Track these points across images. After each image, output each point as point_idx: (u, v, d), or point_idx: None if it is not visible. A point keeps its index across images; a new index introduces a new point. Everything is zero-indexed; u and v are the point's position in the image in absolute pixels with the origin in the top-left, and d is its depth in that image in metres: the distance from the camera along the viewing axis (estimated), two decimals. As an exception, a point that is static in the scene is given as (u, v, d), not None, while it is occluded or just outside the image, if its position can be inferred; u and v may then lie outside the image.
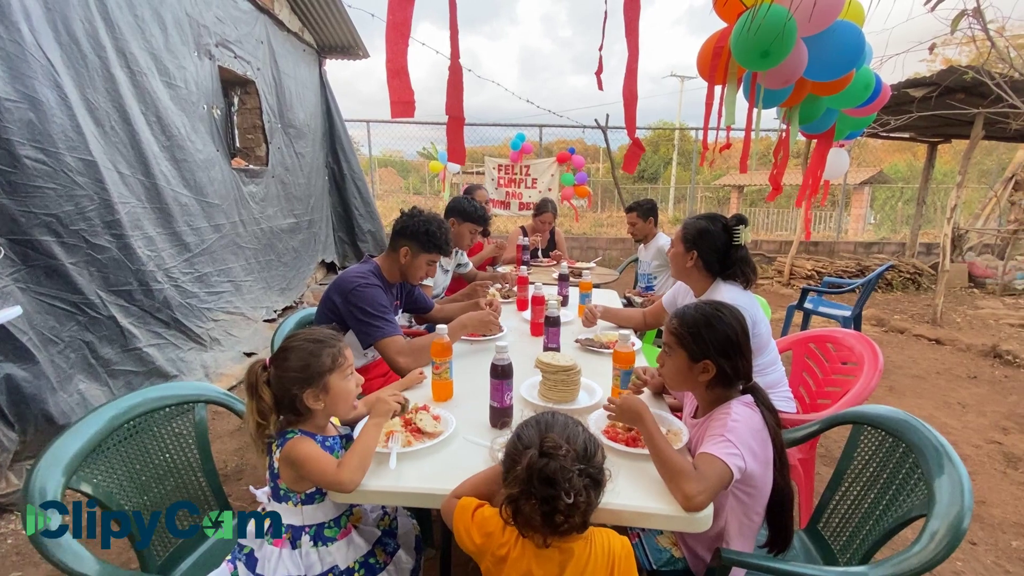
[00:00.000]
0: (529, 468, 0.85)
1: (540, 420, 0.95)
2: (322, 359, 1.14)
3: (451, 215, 2.73)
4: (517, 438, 0.93)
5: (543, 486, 0.85)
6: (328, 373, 1.14)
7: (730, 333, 1.19)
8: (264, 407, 1.13)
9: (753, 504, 1.16)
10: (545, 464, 0.85)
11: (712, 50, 2.13)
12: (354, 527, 1.25)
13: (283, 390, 1.13)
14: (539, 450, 0.87)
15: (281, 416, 1.16)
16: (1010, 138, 6.80)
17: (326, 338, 1.18)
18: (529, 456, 0.87)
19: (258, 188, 4.46)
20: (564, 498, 0.84)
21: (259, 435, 1.14)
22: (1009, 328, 5.16)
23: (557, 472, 0.85)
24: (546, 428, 0.92)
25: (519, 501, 0.87)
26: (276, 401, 1.14)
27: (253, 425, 1.13)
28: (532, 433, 0.92)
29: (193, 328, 3.23)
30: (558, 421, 0.95)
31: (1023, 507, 2.28)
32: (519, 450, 0.90)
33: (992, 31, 3.34)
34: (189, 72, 3.49)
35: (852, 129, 3.10)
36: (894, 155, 17.50)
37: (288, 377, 1.13)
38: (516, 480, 0.87)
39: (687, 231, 1.89)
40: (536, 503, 0.85)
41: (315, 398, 1.14)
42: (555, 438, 0.89)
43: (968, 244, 7.81)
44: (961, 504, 1.00)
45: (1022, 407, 3.31)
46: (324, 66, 6.25)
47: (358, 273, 1.90)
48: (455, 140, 1.12)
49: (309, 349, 1.14)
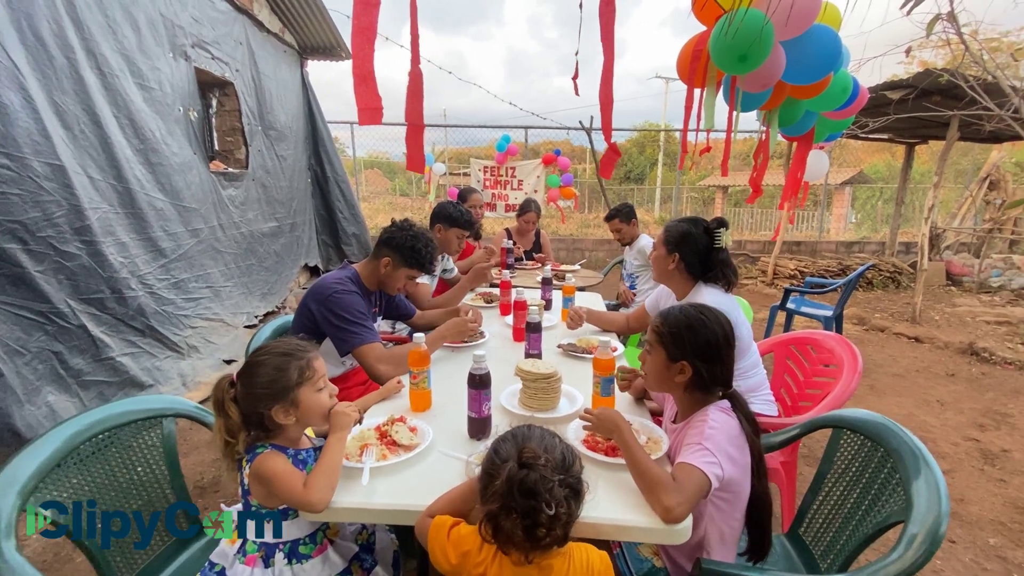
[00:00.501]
0: (509, 481, 0.83)
1: (516, 433, 0.93)
2: (289, 373, 1.10)
3: (437, 221, 2.69)
4: (494, 453, 0.91)
5: (524, 499, 0.82)
6: (297, 387, 1.11)
7: (710, 338, 1.18)
8: (232, 425, 1.09)
9: (732, 511, 1.15)
10: (525, 475, 0.83)
11: (691, 54, 2.13)
12: (330, 542, 1.22)
13: (250, 407, 1.10)
14: (517, 462, 0.85)
15: (251, 432, 1.13)
16: (984, 139, 6.95)
17: (294, 350, 1.14)
18: (508, 469, 0.85)
19: (238, 191, 4.38)
20: (546, 510, 0.82)
21: (228, 453, 1.11)
22: (985, 325, 5.26)
23: (537, 483, 0.83)
24: (523, 440, 0.90)
25: (499, 517, 0.85)
26: (244, 418, 1.10)
27: (221, 443, 1.10)
28: (509, 447, 0.90)
29: (169, 336, 3.15)
30: (534, 433, 0.93)
31: (1000, 504, 2.32)
32: (497, 464, 0.88)
33: (966, 35, 3.40)
34: (164, 73, 3.41)
35: (831, 131, 3.13)
36: (874, 155, 17.81)
37: (255, 394, 1.09)
38: (495, 495, 0.85)
39: (669, 234, 1.89)
40: (517, 517, 0.83)
41: (285, 413, 1.10)
42: (533, 448, 0.87)
43: (945, 243, 7.96)
44: (938, 510, 1.00)
45: (998, 404, 3.37)
46: (306, 67, 6.17)
47: (335, 279, 1.86)
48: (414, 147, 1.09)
49: (276, 363, 1.11)
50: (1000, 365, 4.09)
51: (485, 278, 2.56)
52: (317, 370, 1.15)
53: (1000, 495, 2.38)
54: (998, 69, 3.82)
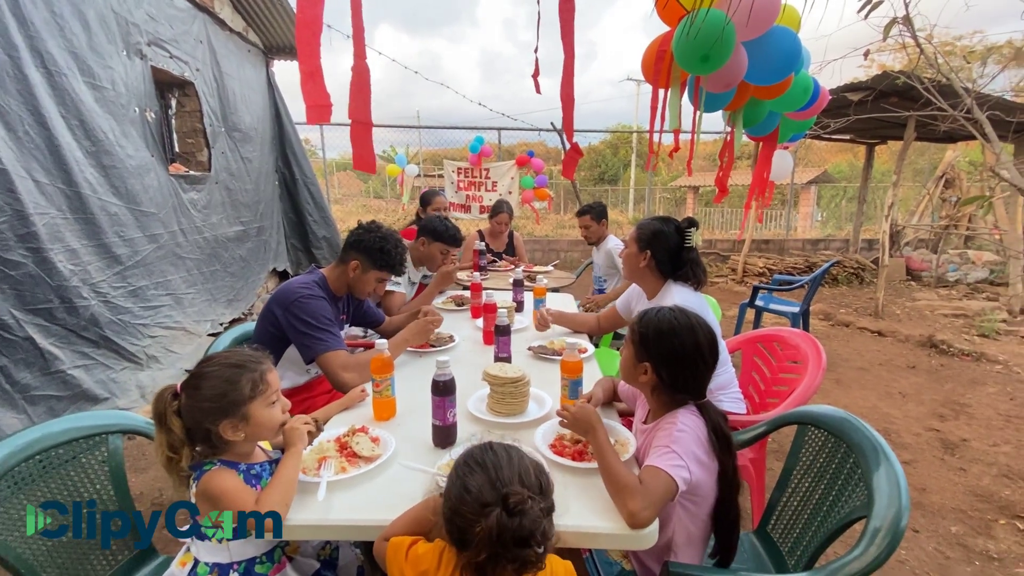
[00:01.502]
0: (500, 531, 0.75)
1: (483, 461, 0.83)
2: (240, 387, 1.04)
3: (423, 234, 2.65)
4: (464, 490, 0.80)
5: (518, 548, 0.76)
6: (248, 402, 1.04)
7: (676, 346, 1.16)
8: (175, 439, 1.02)
9: (700, 513, 1.14)
10: (518, 525, 0.76)
11: (655, 54, 2.14)
12: (289, 560, 1.17)
13: (196, 422, 1.03)
14: (505, 509, 0.76)
15: (196, 448, 1.06)
16: (939, 139, 7.24)
17: (245, 361, 1.08)
18: (494, 517, 0.76)
19: (200, 195, 4.24)
20: (537, 551, 0.77)
21: (171, 469, 1.04)
22: (943, 318, 5.46)
23: (531, 528, 0.76)
24: (495, 472, 0.81)
25: (487, 567, 0.78)
26: (188, 433, 1.04)
27: (163, 459, 1.03)
28: (481, 481, 0.80)
29: (126, 346, 3.02)
30: (502, 459, 0.83)
31: (960, 492, 2.39)
32: (473, 507, 0.78)
33: (921, 38, 3.52)
34: (117, 72, 3.27)
35: (795, 131, 3.19)
36: (837, 155, 18.40)
37: (201, 408, 1.02)
38: (481, 544, 0.76)
39: (642, 232, 1.89)
40: (508, 564, 0.77)
41: (234, 429, 1.04)
42: (518, 491, 0.78)
43: (905, 239, 8.26)
44: (899, 505, 1.01)
45: (956, 394, 3.49)
46: (272, 67, 6.02)
47: (301, 284, 1.80)
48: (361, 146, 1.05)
49: (225, 376, 1.04)
50: (958, 357, 4.25)
51: (451, 280, 2.52)
52: (270, 383, 1.09)
53: (960, 484, 2.46)
54: (952, 72, 3.97)
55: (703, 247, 8.52)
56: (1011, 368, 3.97)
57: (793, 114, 2.82)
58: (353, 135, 1.04)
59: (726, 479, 1.12)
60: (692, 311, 1.23)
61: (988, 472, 2.55)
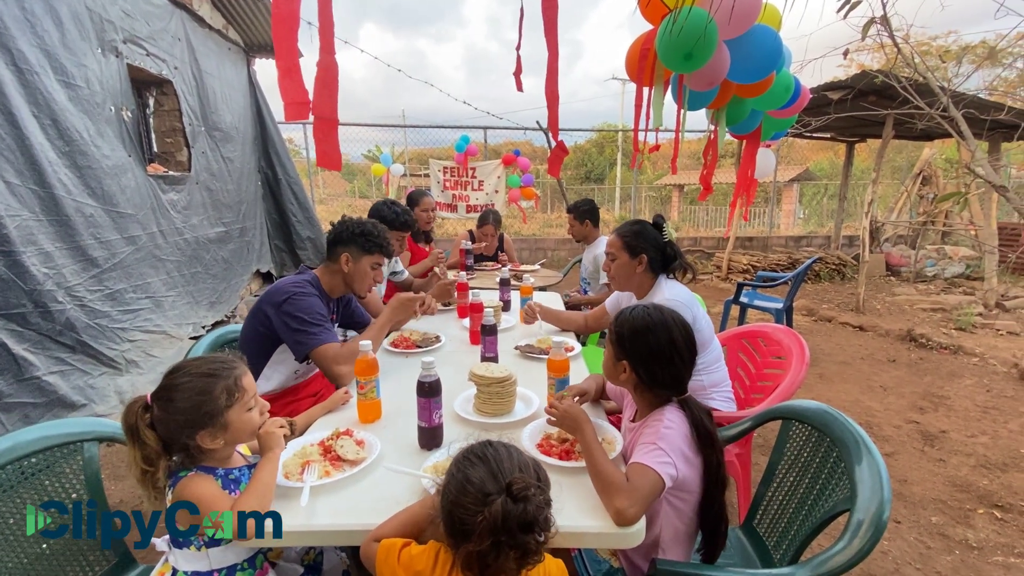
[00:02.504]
0: (505, 518, 0.76)
1: (483, 455, 0.84)
2: (215, 396, 1.01)
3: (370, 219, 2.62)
4: (466, 482, 0.81)
5: (523, 534, 0.77)
6: (225, 410, 1.02)
7: (652, 343, 1.17)
8: (150, 452, 0.99)
9: (686, 509, 1.14)
10: (523, 511, 0.77)
11: (639, 52, 2.15)
12: (272, 565, 1.14)
13: (172, 435, 1.00)
14: (509, 496, 0.77)
15: (173, 459, 1.03)
16: (917, 137, 7.39)
17: (218, 369, 1.04)
18: (499, 504, 0.77)
19: (180, 196, 4.15)
20: (537, 537, 0.78)
21: (147, 483, 1.00)
22: (922, 313, 5.58)
23: (535, 514, 0.78)
24: (496, 464, 0.82)
25: (489, 556, 0.77)
26: (164, 445, 1.01)
27: (138, 472, 0.99)
28: (482, 473, 0.81)
29: (104, 351, 2.94)
30: (501, 453, 0.85)
31: (940, 483, 2.44)
32: (476, 497, 0.78)
33: (899, 38, 3.59)
34: (92, 70, 3.19)
35: (777, 130, 3.23)
36: (819, 154, 18.69)
37: (175, 421, 0.99)
38: (484, 533, 0.76)
39: (627, 239, 1.90)
40: (512, 551, 0.77)
41: (212, 438, 1.02)
42: (522, 478, 0.79)
43: (884, 236, 8.42)
44: (881, 497, 1.02)
45: (935, 387, 3.57)
46: (253, 66, 5.93)
47: (293, 282, 1.77)
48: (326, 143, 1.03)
49: (198, 386, 1.01)
50: (936, 350, 4.34)
51: (449, 294, 2.49)
52: (246, 388, 1.07)
53: (940, 475, 2.51)
54: (928, 71, 4.05)
55: (689, 245, 8.60)
56: (987, 360, 4.06)
57: (775, 112, 2.85)
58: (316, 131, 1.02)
59: (711, 475, 1.12)
60: (668, 308, 1.24)
61: (966, 463, 2.61)
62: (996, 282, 5.80)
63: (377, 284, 1.96)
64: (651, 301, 1.83)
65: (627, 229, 1.92)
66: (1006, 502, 2.28)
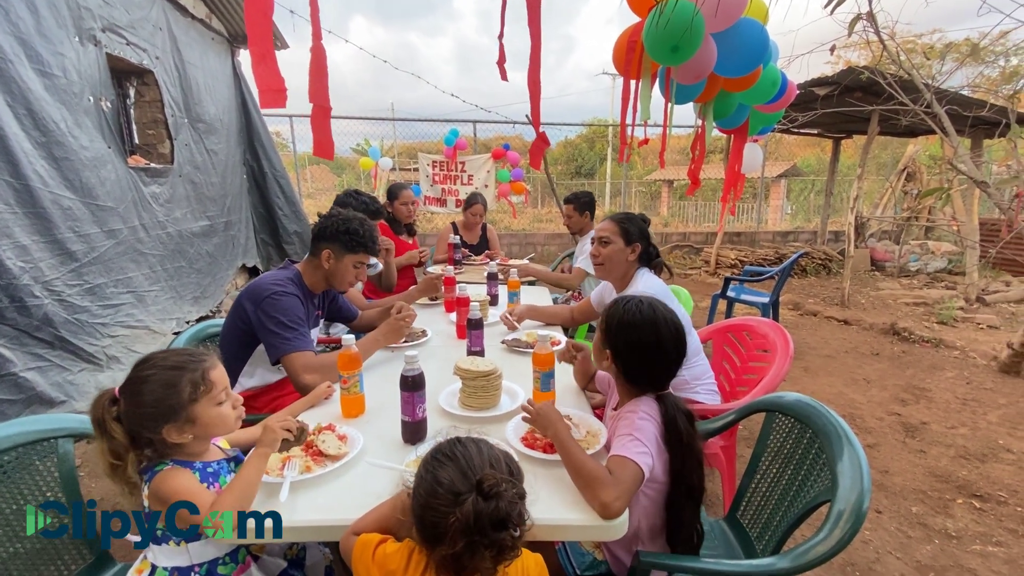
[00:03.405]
0: (477, 517, 0.74)
1: (452, 454, 0.82)
2: (180, 390, 0.99)
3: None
4: (436, 483, 0.79)
5: (497, 531, 0.75)
6: (190, 404, 0.99)
7: (635, 340, 1.17)
8: (118, 446, 0.97)
9: (661, 501, 1.15)
10: (494, 508, 0.75)
11: (626, 44, 2.14)
12: (254, 559, 1.13)
13: (137, 428, 0.98)
14: (480, 494, 0.76)
15: (142, 452, 1.01)
16: (901, 133, 7.47)
17: (185, 362, 1.02)
18: (470, 503, 0.75)
19: (162, 189, 4.08)
20: (513, 533, 0.76)
21: (116, 477, 0.99)
22: (905, 307, 5.67)
23: (508, 510, 0.76)
24: (466, 462, 0.80)
25: (464, 557, 0.75)
26: (131, 439, 0.99)
27: (107, 466, 0.98)
28: (452, 473, 0.79)
29: (84, 347, 2.89)
30: (471, 450, 0.83)
31: (921, 474, 2.48)
32: (446, 498, 0.77)
33: (884, 35, 3.61)
34: (69, 59, 3.11)
35: (764, 124, 3.25)
36: (806, 150, 18.87)
37: (141, 414, 0.97)
38: (457, 534, 0.74)
39: (623, 225, 1.90)
40: (487, 550, 0.75)
41: (179, 432, 1.00)
42: (492, 474, 0.78)
43: (869, 231, 8.52)
44: (860, 487, 1.03)
45: (917, 379, 3.62)
46: (237, 56, 5.82)
47: (275, 280, 1.73)
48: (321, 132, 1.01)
49: (164, 379, 0.99)
50: (918, 343, 4.41)
51: (435, 288, 2.45)
52: (215, 382, 1.04)
53: (921, 465, 2.55)
54: (913, 68, 4.09)
55: (678, 240, 8.65)
56: (967, 353, 4.14)
57: (762, 107, 2.86)
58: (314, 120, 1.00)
59: (675, 476, 1.11)
60: (663, 306, 1.23)
61: (946, 453, 2.65)
62: (977, 277, 5.91)
63: (360, 281, 1.94)
64: (627, 293, 1.84)
65: (622, 216, 1.93)
66: (984, 492, 2.33)
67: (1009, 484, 2.39)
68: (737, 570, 1.07)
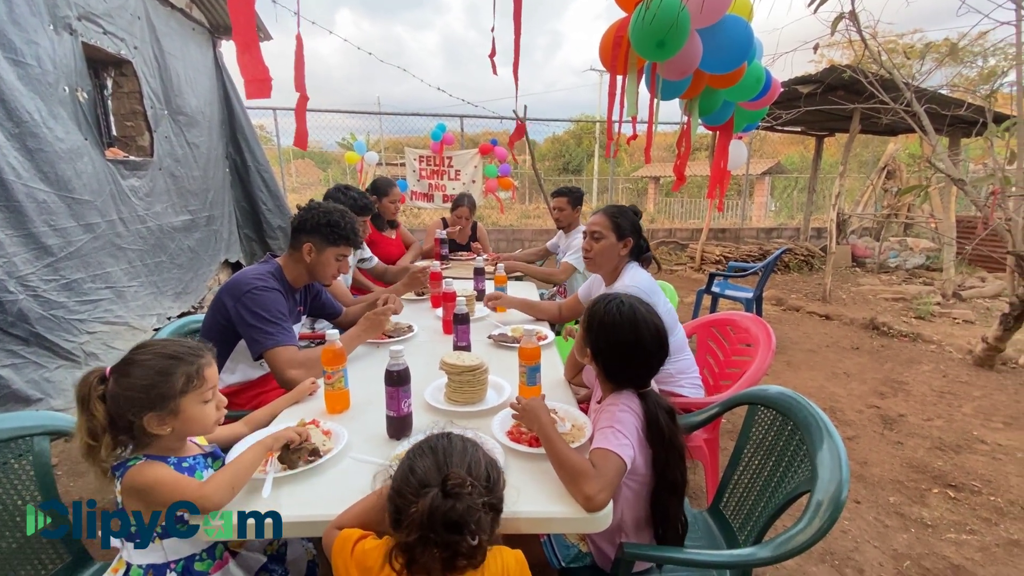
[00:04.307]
0: (432, 512, 0.73)
1: (435, 446, 0.82)
2: (173, 380, 0.98)
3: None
4: (410, 471, 0.79)
5: (448, 532, 0.74)
6: (179, 396, 0.99)
7: (613, 341, 1.18)
8: (96, 426, 0.96)
9: (643, 493, 1.16)
10: (451, 508, 0.74)
11: (612, 40, 2.14)
12: (232, 555, 1.11)
13: (119, 410, 0.97)
14: (442, 490, 0.75)
15: (116, 437, 0.99)
16: (882, 132, 7.60)
17: (184, 353, 1.01)
18: (430, 498, 0.74)
19: (141, 182, 3.99)
20: (469, 540, 0.74)
21: (89, 458, 0.97)
22: (884, 302, 5.78)
23: (464, 514, 0.74)
24: (444, 457, 0.80)
25: (415, 549, 0.75)
26: (110, 421, 0.97)
27: (82, 445, 0.96)
28: (428, 464, 0.79)
29: (61, 343, 2.82)
30: (455, 447, 0.82)
31: (898, 465, 2.54)
32: (414, 487, 0.76)
33: (866, 35, 3.67)
34: (43, 48, 3.01)
35: (748, 122, 3.28)
36: (789, 148, 19.10)
37: (127, 396, 0.96)
38: (413, 524, 0.74)
39: (616, 219, 1.89)
40: (437, 550, 0.74)
41: (160, 422, 0.98)
42: (459, 474, 0.77)
43: (851, 228, 8.67)
44: (839, 478, 1.05)
45: (895, 373, 3.71)
46: (219, 48, 5.70)
47: (255, 274, 1.70)
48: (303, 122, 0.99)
49: (160, 366, 0.98)
50: (897, 338, 4.51)
51: (419, 283, 2.43)
52: (207, 379, 1.03)
53: (898, 456, 2.61)
54: (894, 68, 4.15)
55: (664, 236, 8.71)
56: (944, 347, 4.24)
57: (747, 104, 2.89)
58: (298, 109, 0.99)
59: (658, 471, 1.13)
60: (644, 306, 1.22)
61: (923, 445, 2.72)
62: (954, 273, 6.05)
63: (342, 274, 1.91)
64: (616, 287, 1.85)
65: (615, 210, 1.91)
66: (959, 482, 2.39)
67: (983, 474, 2.46)
68: (719, 560, 1.09)
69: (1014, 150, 3.41)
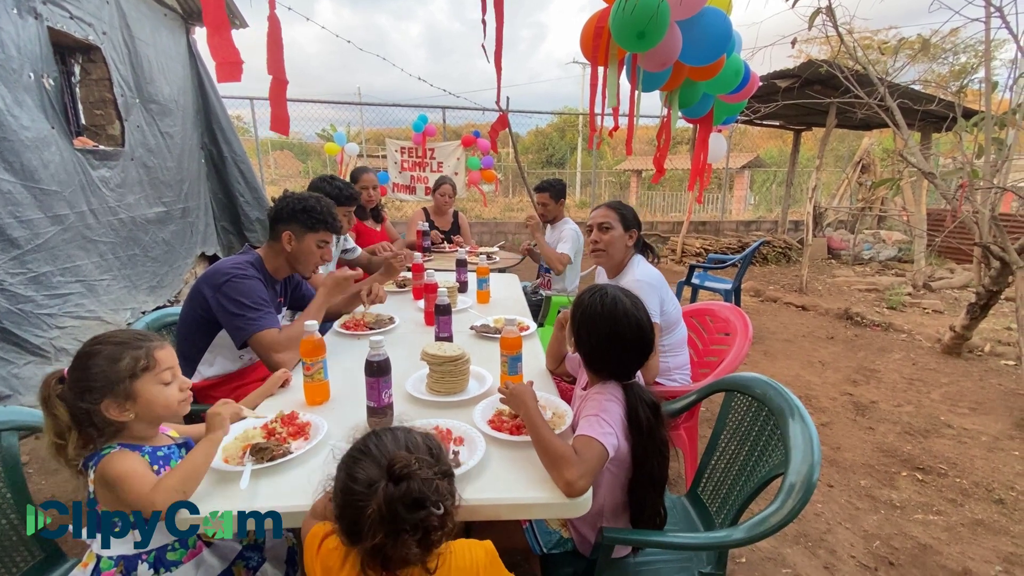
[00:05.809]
0: (389, 503, 0.71)
1: (366, 448, 0.79)
2: (121, 364, 0.98)
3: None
4: (351, 480, 0.75)
5: (412, 512, 0.72)
6: (131, 379, 0.99)
7: (595, 333, 1.20)
8: (60, 425, 0.97)
9: (624, 479, 1.18)
10: (406, 489, 0.72)
11: (593, 31, 2.14)
12: (206, 544, 1.10)
13: (75, 402, 0.97)
14: (390, 478, 0.73)
15: (83, 432, 0.99)
16: (857, 126, 7.77)
17: (131, 339, 1.02)
18: (381, 490, 0.72)
19: (112, 172, 3.87)
20: (435, 512, 0.73)
21: (59, 456, 0.98)
22: (858, 293, 5.93)
23: (422, 489, 0.73)
24: (379, 451, 0.77)
25: (387, 547, 0.72)
26: (73, 417, 0.97)
27: (50, 445, 0.97)
28: (367, 465, 0.76)
29: (29, 338, 2.74)
30: (385, 439, 0.79)
31: (869, 449, 2.62)
32: (361, 492, 0.73)
33: (843, 30, 3.73)
34: (7, 33, 2.89)
35: (728, 114, 3.32)
36: (768, 142, 19.40)
37: (79, 387, 0.96)
38: (374, 526, 0.71)
39: (621, 212, 1.93)
40: (409, 536, 0.72)
41: (119, 408, 0.98)
42: (400, 455, 0.75)
43: (827, 221, 8.87)
44: (811, 460, 1.08)
45: (868, 361, 3.81)
46: (193, 35, 5.54)
47: (234, 264, 1.67)
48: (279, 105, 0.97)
49: (108, 353, 0.98)
50: (870, 327, 4.64)
51: (395, 271, 2.39)
52: (160, 360, 1.03)
53: (869, 441, 2.69)
54: (869, 63, 4.24)
55: (646, 229, 8.79)
56: (914, 336, 4.37)
57: (726, 97, 2.92)
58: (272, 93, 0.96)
59: (638, 463, 1.14)
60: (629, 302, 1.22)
61: (893, 430, 2.81)
62: (924, 264, 6.23)
63: (325, 263, 1.89)
64: (624, 279, 1.87)
65: (617, 204, 1.97)
66: (927, 465, 2.48)
67: (949, 457, 2.55)
68: (695, 542, 1.12)
69: (982, 144, 3.51)
